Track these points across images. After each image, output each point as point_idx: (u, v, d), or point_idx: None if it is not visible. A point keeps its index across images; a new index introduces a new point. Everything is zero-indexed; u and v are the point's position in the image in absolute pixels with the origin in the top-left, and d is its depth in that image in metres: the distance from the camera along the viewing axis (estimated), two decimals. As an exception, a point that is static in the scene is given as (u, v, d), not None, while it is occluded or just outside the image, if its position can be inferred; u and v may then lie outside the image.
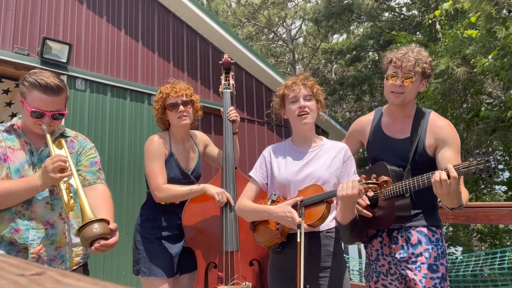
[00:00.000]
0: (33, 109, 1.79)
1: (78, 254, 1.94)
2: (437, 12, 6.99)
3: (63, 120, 2.03)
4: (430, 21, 9.75)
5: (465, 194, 1.92)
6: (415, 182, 1.89)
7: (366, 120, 2.33)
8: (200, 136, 2.70)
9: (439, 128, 2.05)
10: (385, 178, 1.73)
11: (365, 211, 2.01)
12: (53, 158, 1.72)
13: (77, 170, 1.90)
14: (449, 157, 1.96)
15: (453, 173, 1.69)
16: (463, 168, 1.71)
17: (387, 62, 2.12)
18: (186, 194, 2.37)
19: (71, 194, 1.80)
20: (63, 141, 1.93)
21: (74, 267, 1.92)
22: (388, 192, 1.96)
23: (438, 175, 1.72)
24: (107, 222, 1.70)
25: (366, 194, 1.79)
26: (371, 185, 1.75)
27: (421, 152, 2.06)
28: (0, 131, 1.87)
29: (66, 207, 1.76)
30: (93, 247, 1.65)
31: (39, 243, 1.79)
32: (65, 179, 1.77)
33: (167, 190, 2.36)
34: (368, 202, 2.03)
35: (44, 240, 1.81)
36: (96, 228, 1.63)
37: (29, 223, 1.79)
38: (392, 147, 2.13)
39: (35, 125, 1.83)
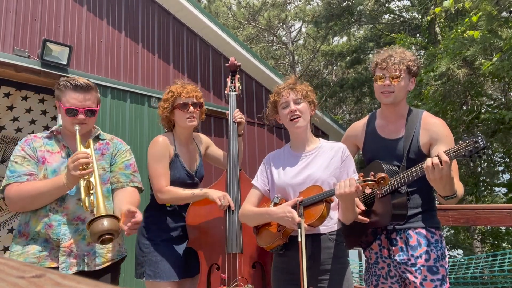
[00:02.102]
0: (67, 107, 1.98)
1: (110, 250, 2.01)
2: (437, 9, 6.92)
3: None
4: (429, 17, 9.64)
5: (459, 186, 1.94)
6: (409, 174, 1.91)
7: (360, 125, 2.36)
8: (202, 137, 2.71)
9: (432, 125, 2.09)
10: (382, 174, 1.74)
11: (361, 217, 2.02)
12: (73, 157, 1.82)
13: (112, 171, 2.10)
14: None
15: (444, 157, 1.73)
16: (453, 152, 1.75)
17: (373, 66, 2.19)
18: (188, 197, 2.35)
19: (91, 191, 1.87)
20: (91, 141, 2.05)
21: (108, 263, 1.99)
22: (384, 188, 1.96)
23: (430, 161, 1.76)
24: (117, 219, 1.72)
25: (364, 192, 1.79)
26: (369, 182, 1.75)
27: (416, 151, 2.08)
28: (42, 137, 2.06)
29: (83, 204, 1.83)
30: (126, 228, 1.74)
31: (70, 238, 1.90)
32: (86, 176, 1.85)
33: (170, 193, 2.34)
34: (364, 208, 2.04)
35: (75, 235, 1.91)
36: (103, 224, 1.64)
37: (61, 218, 1.91)
38: (387, 148, 2.16)
39: (72, 124, 2.00)
